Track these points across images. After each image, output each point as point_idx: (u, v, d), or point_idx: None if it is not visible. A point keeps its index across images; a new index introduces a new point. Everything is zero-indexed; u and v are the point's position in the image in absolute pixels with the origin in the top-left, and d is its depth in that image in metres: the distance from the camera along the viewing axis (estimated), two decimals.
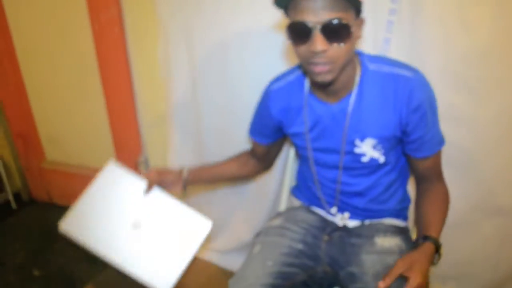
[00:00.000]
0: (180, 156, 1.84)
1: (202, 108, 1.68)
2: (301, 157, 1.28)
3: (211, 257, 1.95)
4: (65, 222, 1.06)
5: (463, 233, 1.55)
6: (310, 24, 0.88)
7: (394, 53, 1.30)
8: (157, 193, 1.18)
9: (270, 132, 1.27)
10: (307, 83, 1.13)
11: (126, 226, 1.09)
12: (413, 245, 1.09)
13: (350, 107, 1.06)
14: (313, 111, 1.12)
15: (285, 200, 1.52)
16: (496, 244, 1.54)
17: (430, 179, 1.17)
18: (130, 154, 2.06)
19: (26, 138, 2.31)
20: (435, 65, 1.15)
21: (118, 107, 1.97)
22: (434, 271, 1.64)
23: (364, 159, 1.12)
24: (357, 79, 1.05)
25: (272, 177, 1.69)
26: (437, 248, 1.04)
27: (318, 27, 0.88)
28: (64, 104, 2.14)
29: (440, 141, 1.12)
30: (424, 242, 1.04)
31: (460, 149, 1.14)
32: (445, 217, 1.14)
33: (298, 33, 0.91)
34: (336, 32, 0.89)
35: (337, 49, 0.91)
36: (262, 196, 1.75)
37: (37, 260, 2.00)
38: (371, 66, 1.05)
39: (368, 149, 1.10)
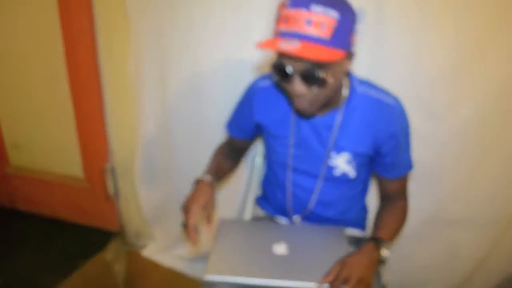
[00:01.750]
0: (147, 166, 1.85)
1: (171, 117, 1.70)
2: (274, 163, 1.29)
3: (175, 264, 1.96)
4: (210, 271, 1.03)
5: (419, 243, 1.63)
6: (290, 70, 0.93)
7: (359, 72, 1.35)
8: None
9: (249, 128, 1.28)
10: None
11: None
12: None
13: (336, 123, 1.11)
14: (297, 118, 1.16)
15: (250, 210, 1.55)
16: (449, 253, 1.63)
17: (394, 198, 1.24)
18: (97, 161, 2.05)
19: None
20: (398, 86, 1.22)
21: (86, 113, 1.97)
22: (392, 279, 1.70)
23: (336, 172, 1.17)
24: (345, 98, 1.10)
25: (238, 186, 1.72)
26: (380, 246, 1.07)
27: (298, 71, 0.92)
28: (31, 109, 2.11)
29: (409, 166, 1.20)
30: (365, 243, 1.08)
31: (418, 164, 1.21)
32: (397, 224, 1.19)
33: (280, 73, 0.96)
34: (314, 79, 0.93)
35: (316, 93, 0.96)
36: (228, 205, 1.77)
37: None
38: (359, 88, 1.10)
39: (342, 163, 1.15)
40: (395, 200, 1.23)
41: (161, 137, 1.77)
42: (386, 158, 1.14)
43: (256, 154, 1.58)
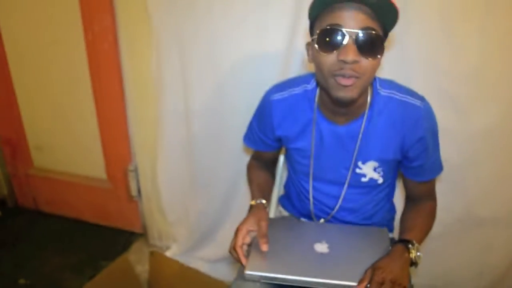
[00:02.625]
0: (169, 167, 1.85)
1: (192, 118, 1.69)
2: (295, 171, 1.25)
3: (199, 265, 1.94)
4: (250, 268, 1.01)
5: (448, 244, 1.59)
6: (345, 31, 0.87)
7: (383, 70, 1.33)
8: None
9: (272, 142, 1.24)
10: (317, 98, 1.10)
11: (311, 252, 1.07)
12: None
13: (361, 131, 1.06)
14: (318, 129, 1.11)
15: (274, 209, 1.53)
16: (479, 254, 1.59)
17: (422, 198, 1.19)
18: (120, 162, 2.06)
19: (14, 145, 2.30)
20: (421, 82, 1.19)
21: (108, 115, 1.98)
22: (422, 282, 1.67)
23: (364, 180, 1.13)
24: (368, 102, 1.05)
25: None
26: (410, 248, 1.02)
27: (353, 36, 0.86)
28: (54, 111, 2.13)
29: (439, 169, 1.15)
30: (394, 245, 1.04)
31: (445, 162, 1.17)
32: (425, 225, 1.15)
33: (330, 39, 0.89)
34: (370, 45, 0.88)
35: (366, 63, 0.89)
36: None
37: (23, 268, 1.98)
38: (383, 92, 1.05)
39: (369, 171, 1.12)
40: (422, 200, 1.19)
41: (183, 138, 1.76)
42: (415, 162, 1.09)
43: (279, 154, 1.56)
